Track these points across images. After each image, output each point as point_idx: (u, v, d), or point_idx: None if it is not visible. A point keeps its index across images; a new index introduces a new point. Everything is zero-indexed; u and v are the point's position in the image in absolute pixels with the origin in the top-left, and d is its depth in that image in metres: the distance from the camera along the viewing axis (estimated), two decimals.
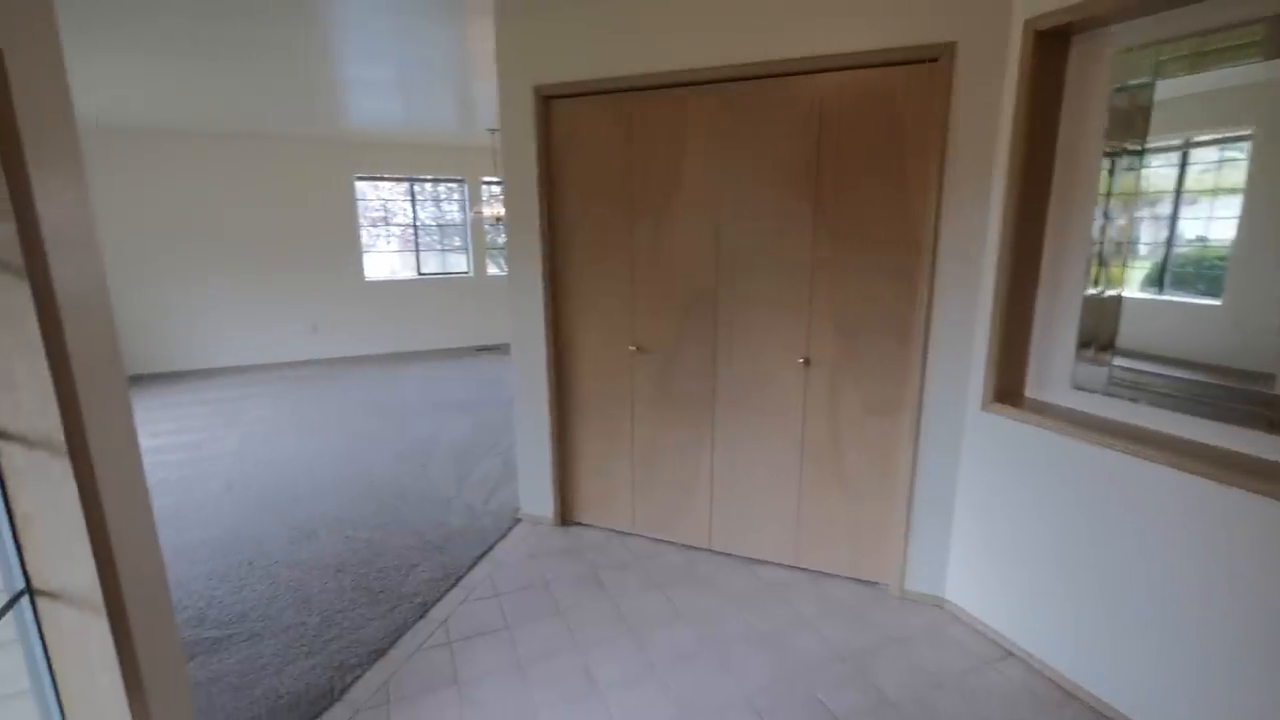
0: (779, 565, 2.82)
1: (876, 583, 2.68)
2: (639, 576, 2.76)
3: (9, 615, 1.13)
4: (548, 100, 2.79)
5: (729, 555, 2.91)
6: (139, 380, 6.12)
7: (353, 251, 6.98)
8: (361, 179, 7.01)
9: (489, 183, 7.57)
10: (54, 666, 1.18)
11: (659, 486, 2.99)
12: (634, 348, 2.88)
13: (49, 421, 1.10)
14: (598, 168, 2.79)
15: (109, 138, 5.78)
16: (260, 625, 2.41)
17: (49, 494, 1.12)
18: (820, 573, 2.76)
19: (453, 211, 7.76)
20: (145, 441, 4.37)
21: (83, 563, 1.16)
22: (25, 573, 1.13)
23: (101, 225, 5.91)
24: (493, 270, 7.85)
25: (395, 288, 7.32)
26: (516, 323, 3.09)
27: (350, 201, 6.87)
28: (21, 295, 1.05)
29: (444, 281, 7.57)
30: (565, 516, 3.23)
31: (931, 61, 2.21)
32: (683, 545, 3.00)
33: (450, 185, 7.58)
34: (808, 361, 2.58)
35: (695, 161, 2.61)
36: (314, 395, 5.67)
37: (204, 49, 3.33)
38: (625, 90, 2.65)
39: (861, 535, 2.65)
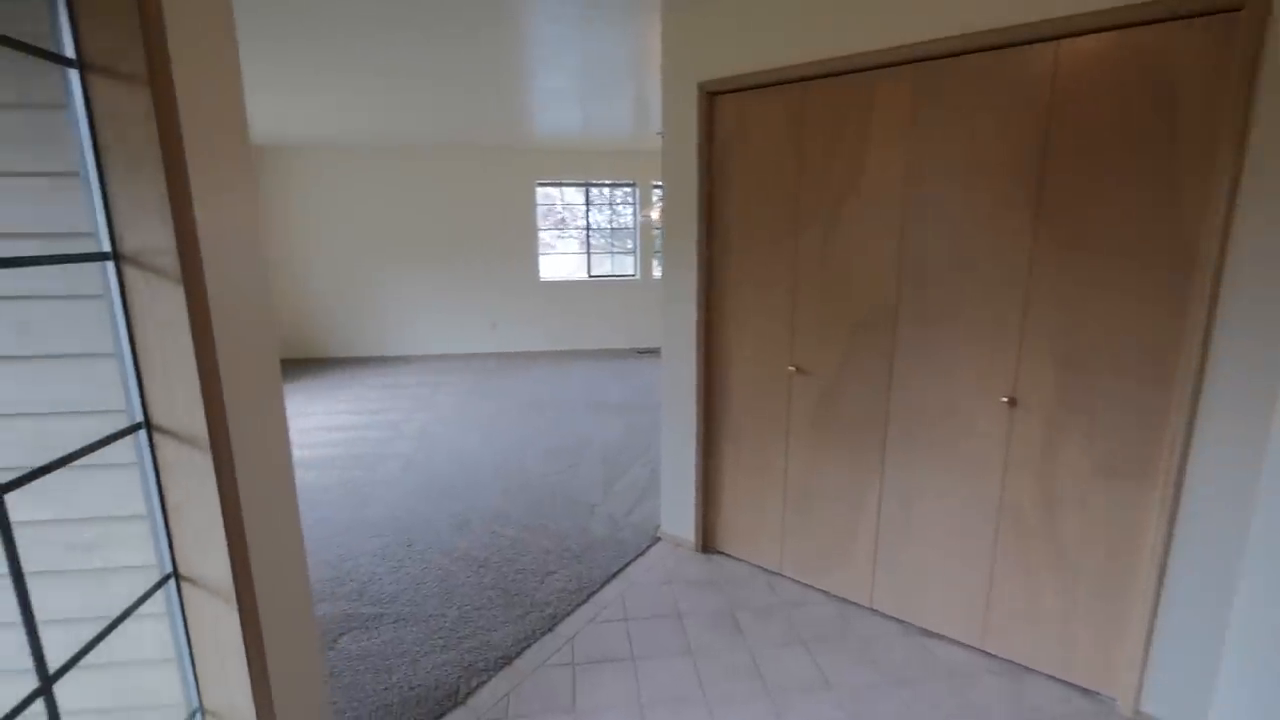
0: (958, 644, 2.33)
1: (1098, 693, 2.07)
2: (782, 626, 2.45)
3: (161, 592, 1.21)
4: (712, 97, 2.59)
5: (893, 619, 2.47)
6: (357, 363, 7.10)
7: (530, 253, 7.43)
8: (542, 184, 7.43)
9: (658, 187, 7.60)
10: (193, 646, 1.25)
11: (814, 526, 2.64)
12: (793, 368, 2.57)
13: (195, 420, 1.14)
14: (762, 168, 2.52)
15: (322, 155, 6.78)
16: (408, 610, 2.53)
17: (194, 487, 1.17)
18: (1015, 664, 2.21)
19: (627, 215, 7.92)
20: (352, 418, 4.99)
21: (218, 555, 1.20)
22: (174, 558, 1.20)
23: (318, 231, 6.93)
24: (657, 273, 7.87)
25: (567, 288, 7.66)
26: (668, 330, 2.94)
27: (530, 205, 7.32)
28: (177, 303, 1.10)
29: (611, 283, 7.76)
30: (707, 543, 3.01)
31: (1230, 11, 1.61)
32: (836, 597, 2.62)
33: (625, 189, 7.74)
34: (1013, 401, 2.07)
35: (879, 158, 2.23)
36: (489, 386, 6.10)
37: (403, 73, 3.66)
38: (799, 80, 2.35)
39: (1078, 628, 2.07)
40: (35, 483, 0.92)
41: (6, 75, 1.00)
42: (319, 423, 4.94)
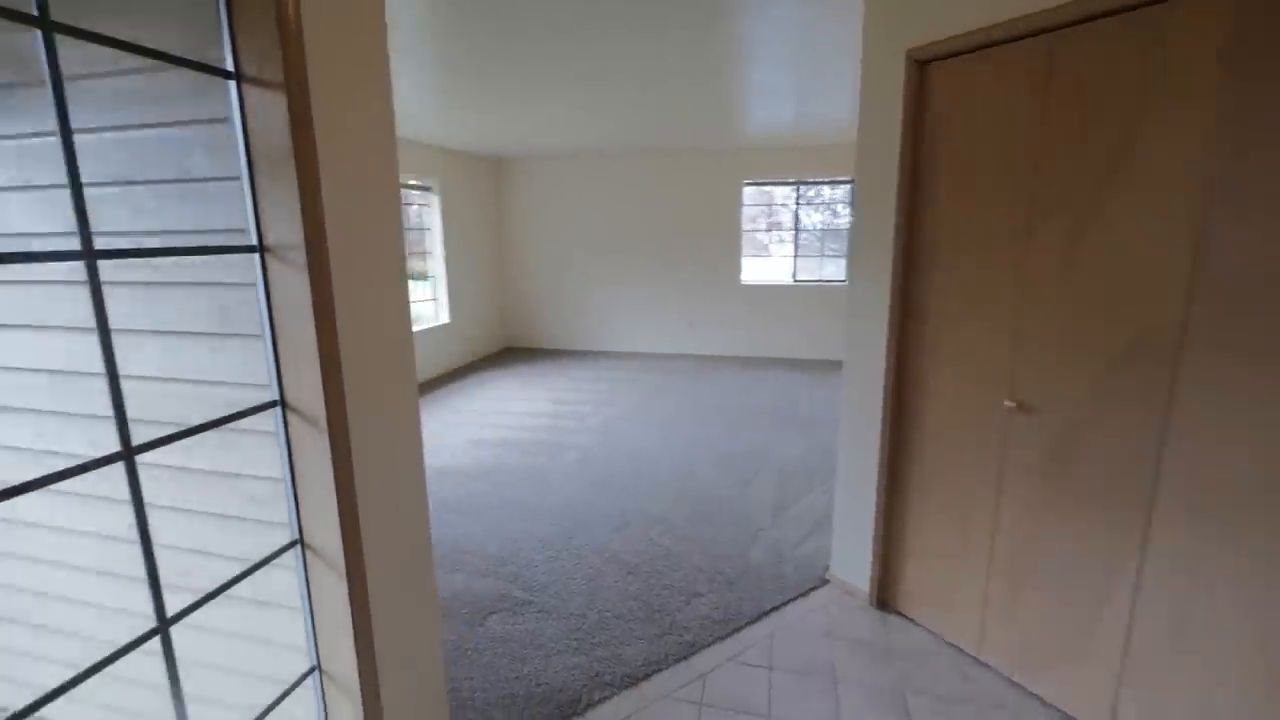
0: None
1: None
2: None
3: (291, 555, 1.32)
4: (923, 67, 2.14)
5: None
6: (565, 355, 7.69)
7: (733, 255, 7.27)
8: (750, 184, 7.22)
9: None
10: (313, 609, 1.34)
11: (1030, 606, 2.05)
12: (1011, 403, 2.01)
13: (316, 401, 1.21)
14: (984, 152, 2.01)
15: (543, 165, 7.37)
16: (553, 603, 2.57)
17: (314, 463, 1.25)
18: None
19: (846, 215, 7.32)
20: (550, 406, 5.37)
21: (331, 528, 1.26)
22: (300, 525, 1.30)
23: (538, 233, 7.56)
24: None
25: (769, 292, 7.35)
26: (851, 344, 2.55)
27: (736, 206, 7.15)
28: (304, 293, 1.16)
29: (816, 289, 7.23)
30: (884, 598, 2.55)
31: None
32: (1057, 709, 2.00)
33: (844, 186, 7.15)
34: None
35: (1167, 127, 1.61)
36: (679, 387, 6.11)
37: (616, 76, 3.75)
38: (1047, 31, 1.81)
39: None
40: (220, 437, 1.07)
41: (184, 91, 1.15)
42: (524, 408, 5.41)
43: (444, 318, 6.71)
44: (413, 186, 6.21)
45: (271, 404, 1.22)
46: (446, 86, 4.02)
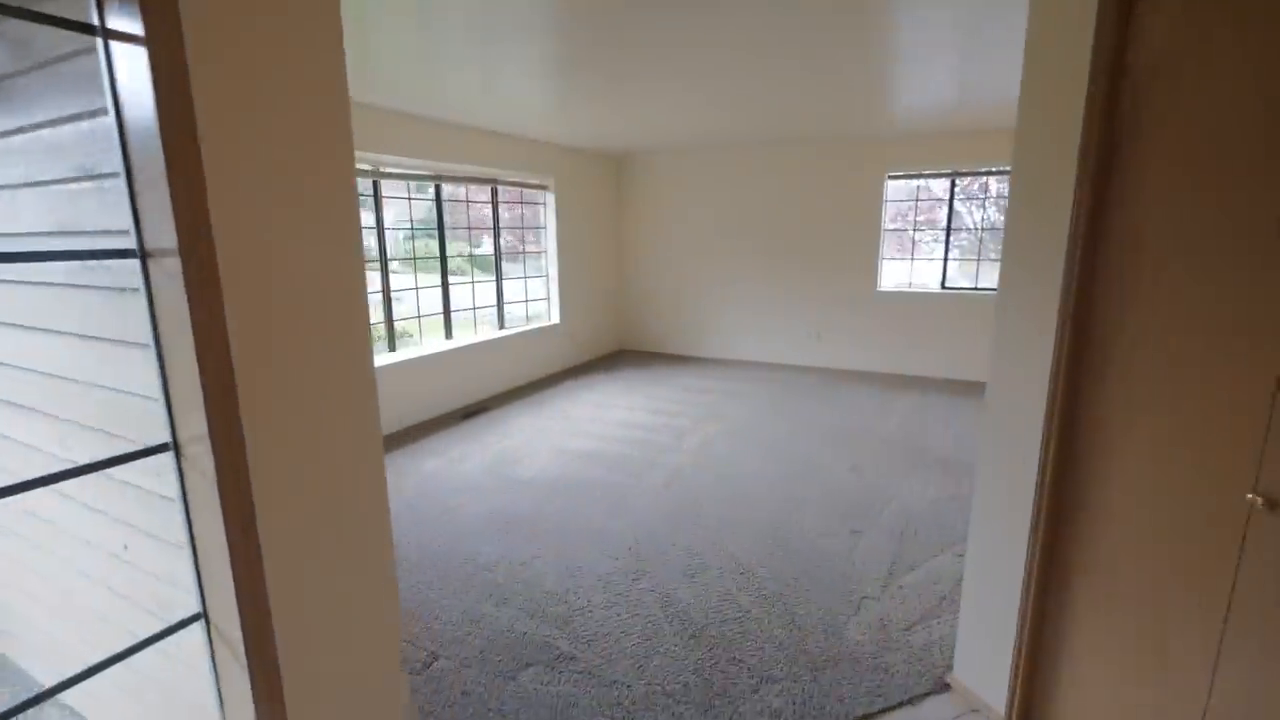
0: None
1: None
2: None
3: (198, 626, 1.08)
4: (1130, 2, 1.47)
5: None
6: (677, 361, 7.33)
7: (870, 258, 6.43)
8: (895, 177, 6.33)
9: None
10: (222, 695, 1.10)
11: None
12: (1258, 499, 1.30)
13: (204, 444, 0.95)
14: (1226, 120, 1.31)
15: (661, 160, 6.98)
16: (598, 663, 2.21)
17: (209, 522, 0.99)
18: None
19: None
20: (648, 417, 5.04)
21: (227, 598, 1.00)
22: (203, 598, 1.06)
23: (653, 232, 7.22)
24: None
25: (910, 301, 6.41)
26: (998, 372, 1.90)
27: (877, 203, 6.31)
28: (182, 305, 0.90)
29: (968, 298, 6.16)
30: None
31: None
32: None
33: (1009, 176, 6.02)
34: None
35: None
36: (794, 405, 5.48)
37: (746, 53, 3.30)
38: None
39: None
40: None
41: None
42: (620, 417, 5.14)
43: (554, 317, 6.67)
44: (529, 185, 6.20)
45: (160, 448, 0.98)
46: (561, 78, 3.82)
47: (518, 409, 5.38)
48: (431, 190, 5.24)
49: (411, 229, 5.53)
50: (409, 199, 5.32)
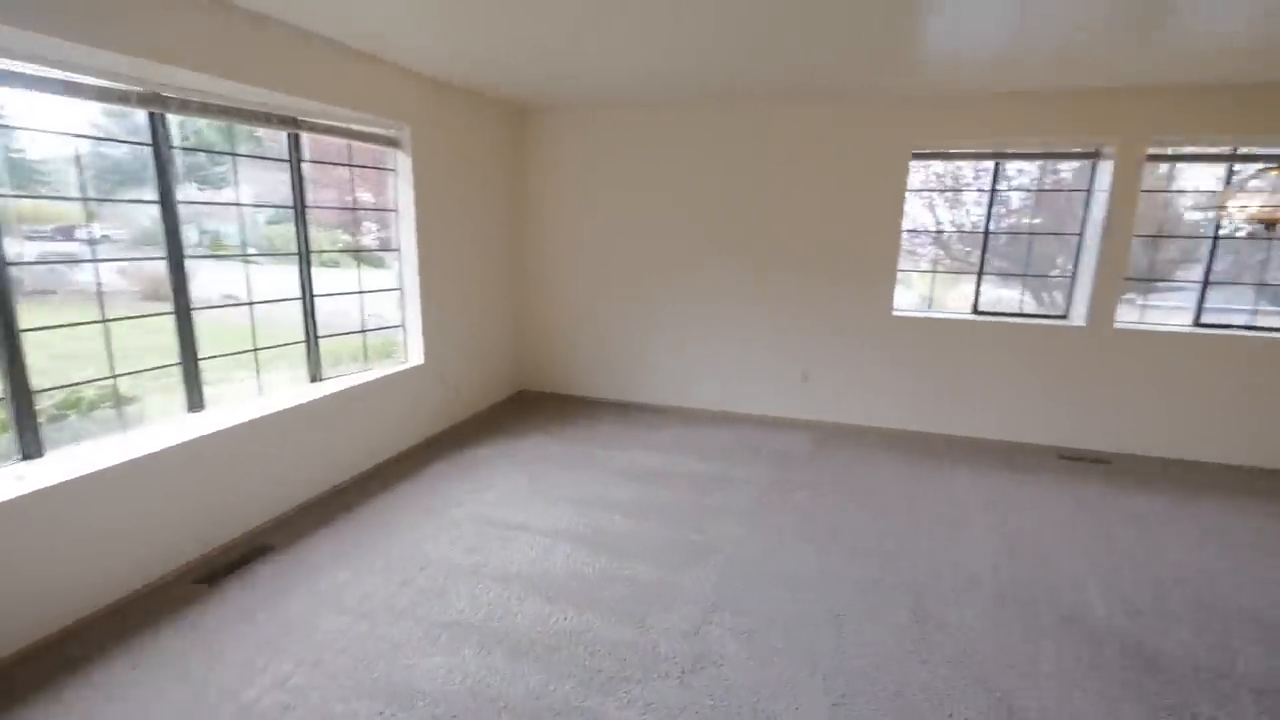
0: None
1: None
2: None
3: None
4: None
5: None
6: (610, 411, 5.08)
7: (883, 267, 4.55)
8: (920, 155, 4.48)
9: (1168, 157, 4.04)
10: None
11: None
12: None
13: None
14: None
15: (589, 116, 4.76)
16: None
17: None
18: None
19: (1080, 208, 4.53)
20: (581, 560, 2.68)
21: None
22: None
23: (572, 224, 4.85)
24: (1128, 317, 4.33)
25: (936, 329, 4.59)
26: None
27: (897, 192, 4.43)
28: None
29: (1017, 328, 4.44)
30: None
31: None
32: None
33: (1083, 161, 4.37)
34: None
35: None
36: (817, 504, 3.43)
37: None
38: None
39: None
40: None
41: None
42: (528, 552, 2.80)
43: (414, 356, 4.16)
44: (365, 137, 3.66)
45: None
46: None
47: (329, 543, 2.89)
48: (143, 119, 2.62)
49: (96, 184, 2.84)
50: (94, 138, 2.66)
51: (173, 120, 2.68)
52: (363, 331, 3.81)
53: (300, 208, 3.30)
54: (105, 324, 2.49)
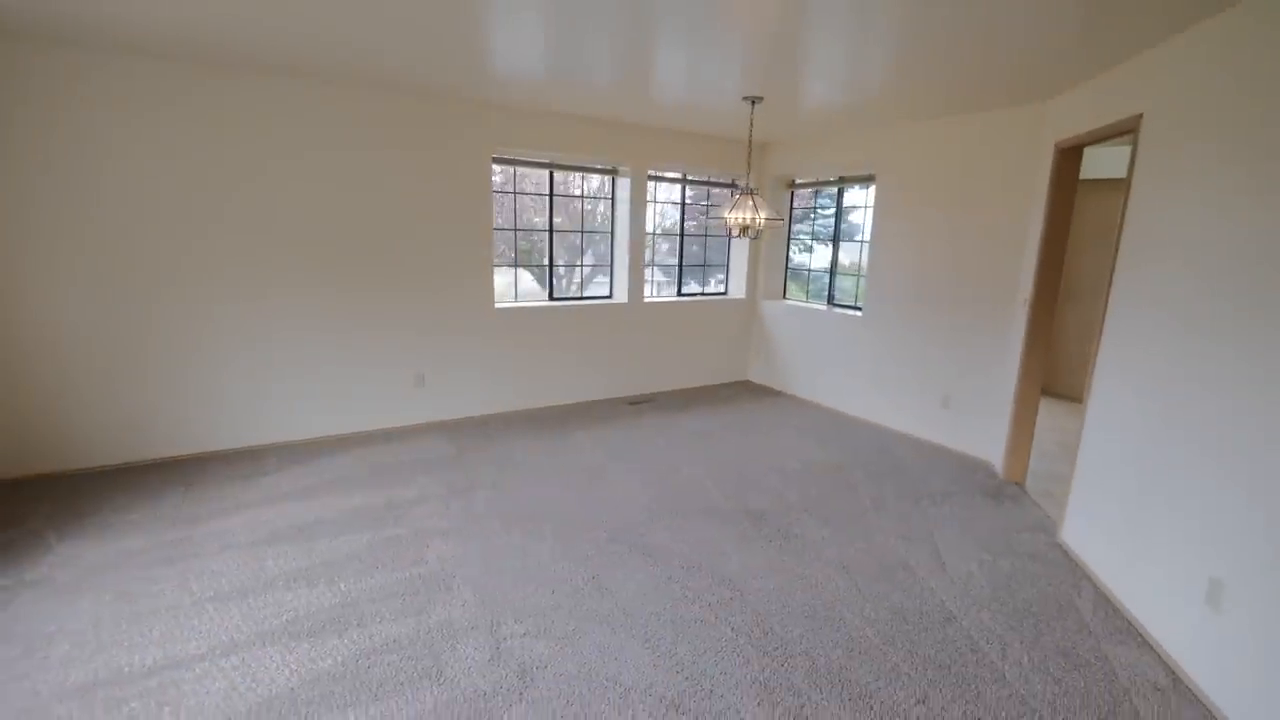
0: None
1: None
2: None
3: None
4: None
5: None
6: (141, 478, 3.70)
7: (481, 265, 4.80)
8: (500, 160, 4.86)
9: (663, 178, 5.57)
10: None
11: None
12: None
13: None
14: None
15: (94, 61, 3.44)
16: None
17: None
18: None
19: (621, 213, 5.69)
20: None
21: None
22: None
23: (63, 216, 3.52)
24: (659, 294, 5.85)
25: (528, 317, 5.16)
26: None
27: (481, 194, 4.70)
28: None
29: (585, 309, 5.47)
30: None
31: None
32: None
33: (605, 176, 5.54)
34: None
35: None
36: (486, 506, 3.50)
37: None
38: None
39: None
40: None
41: None
42: None
43: None
44: None
45: None
46: None
47: None
48: None
49: None
50: None
51: None
52: None
53: None
54: None
